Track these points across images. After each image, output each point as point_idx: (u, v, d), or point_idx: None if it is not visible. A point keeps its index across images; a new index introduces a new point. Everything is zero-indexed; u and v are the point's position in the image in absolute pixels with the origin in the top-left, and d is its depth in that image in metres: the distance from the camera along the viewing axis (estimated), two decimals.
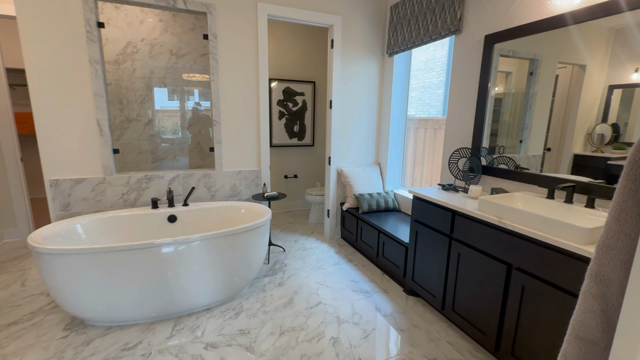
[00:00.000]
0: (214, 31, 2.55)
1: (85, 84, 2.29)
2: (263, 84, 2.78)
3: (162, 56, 3.28)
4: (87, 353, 1.68)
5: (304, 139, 4.27)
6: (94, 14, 2.24)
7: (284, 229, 3.63)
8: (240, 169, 2.84)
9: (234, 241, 2.06)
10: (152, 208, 2.45)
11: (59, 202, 2.32)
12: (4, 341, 1.76)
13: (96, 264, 1.73)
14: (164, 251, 1.85)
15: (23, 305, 2.10)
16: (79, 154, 2.34)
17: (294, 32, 4.04)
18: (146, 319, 1.94)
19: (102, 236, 2.25)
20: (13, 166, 3.05)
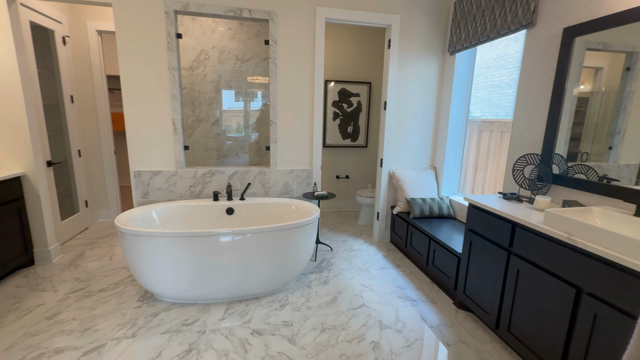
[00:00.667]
0: (275, 36, 2.70)
1: (164, 88, 2.61)
2: (318, 85, 2.85)
3: (229, 61, 3.58)
4: (154, 323, 1.93)
5: (357, 140, 4.26)
6: (174, 27, 2.54)
7: (332, 229, 3.68)
8: (293, 167, 2.96)
9: (283, 236, 2.16)
10: (213, 200, 2.69)
11: (140, 190, 2.69)
12: (95, 304, 2.10)
13: (165, 246, 1.97)
14: (222, 240, 2.02)
15: (110, 276, 2.48)
16: (157, 149, 2.68)
17: (352, 34, 4.06)
18: (203, 300, 2.15)
19: (172, 222, 2.55)
20: (108, 158, 3.62)
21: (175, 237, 1.96)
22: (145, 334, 1.83)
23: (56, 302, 2.12)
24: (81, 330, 1.85)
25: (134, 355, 1.67)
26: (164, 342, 1.77)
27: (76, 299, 2.16)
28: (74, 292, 2.24)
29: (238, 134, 3.73)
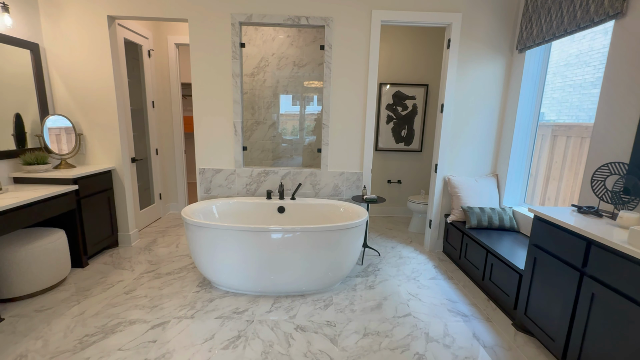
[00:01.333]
0: (330, 42, 2.76)
1: (228, 93, 2.85)
2: (371, 88, 2.84)
3: (286, 67, 3.75)
4: (209, 308, 2.11)
5: (411, 144, 4.13)
6: (238, 37, 2.76)
7: (382, 234, 3.61)
8: (343, 170, 2.99)
9: (330, 237, 2.20)
10: (266, 198, 2.84)
11: (203, 186, 2.96)
12: (162, 285, 2.37)
13: (222, 238, 2.14)
14: (272, 236, 2.13)
15: (176, 261, 2.78)
16: (219, 149, 2.93)
17: (408, 35, 3.95)
18: (253, 292, 2.28)
19: (229, 217, 2.75)
20: (179, 157, 4.05)
21: (231, 230, 2.12)
22: (202, 317, 2.01)
23: (132, 280, 2.44)
24: (150, 307, 2.10)
25: (191, 335, 1.85)
26: (217, 326, 1.93)
27: (148, 279, 2.46)
28: (147, 273, 2.55)
29: (293, 137, 3.89)
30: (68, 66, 2.74)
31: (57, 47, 2.71)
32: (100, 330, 1.86)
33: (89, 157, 2.92)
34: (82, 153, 2.90)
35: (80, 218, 2.55)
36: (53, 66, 2.74)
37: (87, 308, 2.07)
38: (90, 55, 2.73)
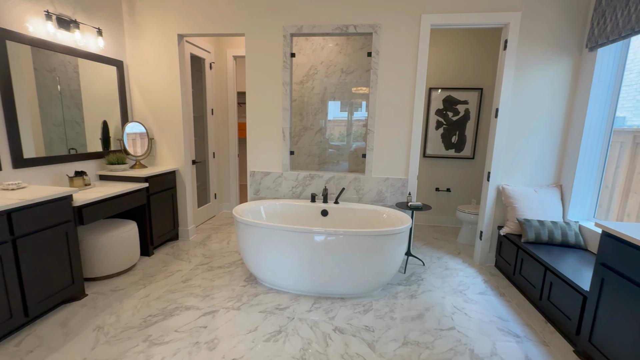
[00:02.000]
0: (377, 48, 2.79)
1: (278, 101, 3.01)
2: (419, 94, 2.79)
3: (334, 74, 3.84)
4: (254, 302, 2.24)
5: (462, 151, 3.93)
6: (289, 47, 2.92)
7: (427, 243, 3.48)
8: (387, 176, 2.96)
9: (372, 242, 2.20)
10: (310, 201, 2.93)
11: (253, 188, 3.16)
12: (214, 277, 2.58)
13: (268, 237, 2.27)
14: (315, 238, 2.21)
15: (226, 256, 3.00)
16: (268, 153, 3.10)
17: (459, 37, 3.79)
18: (295, 291, 2.37)
19: (275, 217, 2.90)
20: (233, 160, 4.36)
21: (277, 230, 2.24)
22: (247, 310, 2.15)
23: (189, 270, 2.69)
24: (203, 296, 2.30)
25: (237, 325, 1.98)
26: (260, 320, 2.04)
27: (202, 270, 2.69)
28: (201, 265, 2.79)
29: (340, 142, 3.95)
30: (144, 79, 3.15)
31: (137, 63, 3.13)
32: (161, 312, 2.09)
33: (158, 158, 3.30)
34: (152, 155, 3.29)
35: (149, 212, 2.89)
36: (133, 79, 3.17)
37: (151, 292, 2.34)
38: (162, 69, 3.10)
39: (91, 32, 2.70)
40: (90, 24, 2.71)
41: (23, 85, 2.21)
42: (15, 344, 1.77)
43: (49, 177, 2.43)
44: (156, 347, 1.78)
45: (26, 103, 2.24)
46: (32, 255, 1.86)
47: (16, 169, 2.19)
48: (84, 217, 2.18)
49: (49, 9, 2.35)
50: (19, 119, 2.19)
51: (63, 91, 2.52)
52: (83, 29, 2.62)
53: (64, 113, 2.55)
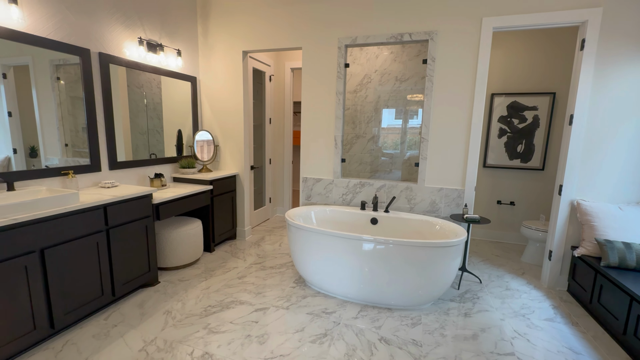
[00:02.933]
0: (433, 55, 2.72)
1: (331, 110, 3.11)
2: (478, 100, 2.65)
3: (388, 82, 3.83)
4: (302, 303, 2.32)
5: (529, 161, 3.59)
6: (343, 58, 3.01)
7: (486, 260, 3.24)
8: (442, 186, 2.85)
9: (423, 253, 2.14)
10: (360, 209, 2.95)
11: (305, 193, 3.29)
12: (266, 276, 2.74)
13: (318, 241, 2.35)
14: (364, 246, 2.22)
15: (278, 258, 3.15)
16: (320, 160, 3.21)
17: (526, 38, 3.50)
18: (342, 297, 2.40)
19: (325, 223, 2.97)
20: (287, 166, 4.57)
21: (326, 235, 2.30)
22: (295, 310, 2.24)
23: (244, 268, 2.89)
24: (255, 293, 2.46)
25: (285, 323, 2.08)
26: (307, 321, 2.11)
27: (256, 269, 2.87)
28: (255, 264, 2.98)
29: (393, 151, 3.91)
30: (212, 92, 3.51)
31: (207, 78, 3.51)
32: (219, 304, 2.29)
33: (222, 163, 3.62)
34: (217, 160, 3.63)
35: (212, 212, 3.19)
36: (203, 93, 3.55)
37: (211, 285, 2.57)
38: (229, 83, 3.42)
39: (172, 53, 3.11)
40: (172, 46, 3.13)
41: (118, 100, 2.64)
42: (104, 318, 2.09)
43: (135, 178, 2.83)
44: (213, 335, 1.95)
45: (120, 115, 2.66)
46: (120, 244, 2.19)
47: (111, 170, 2.60)
48: (160, 214, 2.50)
49: (142, 35, 2.78)
50: (115, 128, 2.61)
51: (148, 104, 2.94)
52: (166, 51, 3.04)
53: (148, 123, 2.96)
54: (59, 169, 2.22)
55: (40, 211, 1.71)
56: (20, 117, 2.01)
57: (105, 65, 2.48)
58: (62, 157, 2.26)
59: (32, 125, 2.08)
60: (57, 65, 2.17)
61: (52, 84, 2.16)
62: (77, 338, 1.89)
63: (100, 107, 2.49)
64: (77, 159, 2.34)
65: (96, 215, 2.01)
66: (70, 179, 2.22)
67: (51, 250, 1.77)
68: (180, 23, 3.21)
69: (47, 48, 2.10)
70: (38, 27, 2.06)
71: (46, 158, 2.16)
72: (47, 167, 2.16)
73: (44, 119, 2.14)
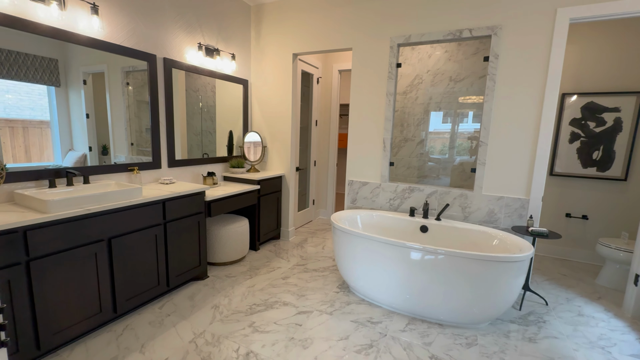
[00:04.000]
0: (496, 52, 2.51)
1: (381, 111, 3.01)
2: (550, 101, 2.37)
3: (441, 83, 3.63)
4: (346, 310, 2.25)
5: (608, 170, 3.15)
6: (395, 58, 2.90)
7: (551, 279, 2.89)
8: (502, 194, 2.60)
9: (480, 267, 1.96)
10: (409, 215, 2.80)
11: (350, 197, 3.22)
12: (309, 279, 2.71)
13: (364, 247, 2.27)
14: (413, 255, 2.09)
15: (321, 261, 3.12)
16: (367, 163, 3.12)
17: (608, 29, 3.07)
18: (387, 306, 2.29)
19: (371, 228, 2.87)
20: (332, 169, 4.54)
21: (373, 240, 2.21)
22: (339, 316, 2.17)
23: (288, 269, 2.90)
24: (299, 295, 2.44)
25: (329, 329, 2.03)
26: (352, 329, 2.04)
27: (299, 271, 2.87)
28: (298, 266, 2.98)
29: (441, 156, 3.69)
30: (262, 94, 3.60)
31: (258, 81, 3.61)
32: (263, 303, 2.31)
33: (269, 164, 3.70)
34: (264, 161, 3.71)
35: (259, 211, 3.25)
36: (254, 95, 3.66)
37: (256, 283, 2.60)
38: (278, 86, 3.49)
39: (227, 57, 3.25)
40: (227, 50, 3.27)
41: (177, 103, 2.81)
42: (159, 307, 2.21)
43: (189, 175, 2.99)
44: (258, 334, 1.96)
45: (178, 117, 2.83)
46: (175, 237, 2.31)
47: (170, 167, 2.77)
48: (211, 211, 2.61)
49: (201, 41, 2.94)
50: (174, 129, 2.78)
51: (202, 107, 3.09)
52: (222, 55, 3.18)
53: (202, 125, 3.12)
54: (126, 165, 2.41)
55: (109, 203, 1.86)
56: (96, 119, 2.22)
57: (169, 70, 2.66)
58: (128, 155, 2.45)
59: (105, 126, 2.29)
60: (127, 71, 2.38)
61: (122, 89, 2.36)
62: (135, 323, 2.02)
63: (163, 109, 2.67)
64: (140, 157, 2.53)
65: (156, 209, 2.14)
66: (135, 174, 2.40)
67: (117, 239, 1.92)
68: (236, 28, 3.35)
69: (120, 54, 2.30)
70: (113, 35, 2.26)
71: (115, 156, 2.36)
72: (115, 164, 2.36)
73: (114, 121, 2.34)
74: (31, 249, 1.54)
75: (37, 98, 1.92)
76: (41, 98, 1.94)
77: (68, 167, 2.08)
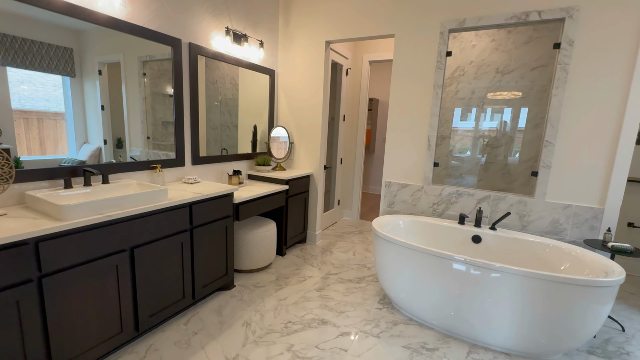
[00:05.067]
0: (571, 37, 2.16)
1: (425, 105, 2.70)
2: (637, 96, 2.03)
3: (486, 76, 3.27)
4: (394, 332, 1.98)
5: None
6: (445, 45, 2.58)
7: (619, 298, 2.56)
8: (570, 202, 2.27)
9: (554, 291, 1.65)
10: (458, 223, 2.50)
11: (387, 200, 2.93)
12: (346, 292, 2.44)
13: (413, 259, 1.98)
14: (472, 271, 1.80)
15: (354, 269, 2.84)
16: (408, 164, 2.82)
17: None
18: (441, 329, 2.00)
19: (415, 236, 2.58)
20: (358, 167, 4.24)
21: (425, 253, 1.92)
22: (388, 340, 1.90)
23: (320, 278, 2.64)
24: (338, 311, 2.17)
25: (380, 356, 1.75)
26: (406, 358, 1.76)
27: (333, 281, 2.60)
28: (331, 275, 2.71)
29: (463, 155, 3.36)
30: (290, 86, 3.31)
31: (285, 71, 3.32)
32: (299, 320, 2.05)
33: (295, 162, 3.42)
34: (290, 159, 3.44)
35: (286, 213, 2.99)
36: (281, 87, 3.37)
37: (288, 295, 2.35)
38: (307, 77, 3.19)
39: (255, 45, 2.97)
40: (255, 37, 2.98)
41: (198, 94, 2.55)
42: (184, 322, 1.97)
43: (213, 174, 2.74)
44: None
45: (201, 110, 2.57)
46: (202, 244, 2.06)
47: (194, 165, 2.52)
48: (239, 214, 2.35)
49: (228, 25, 2.66)
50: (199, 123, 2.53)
51: (222, 99, 2.82)
52: (250, 42, 2.90)
53: (221, 118, 2.85)
54: (148, 163, 2.17)
55: (132, 208, 1.61)
56: (111, 111, 2.01)
57: (194, 57, 2.39)
58: (144, 149, 2.22)
59: (120, 118, 2.07)
60: (144, 61, 2.15)
61: (139, 80, 2.14)
62: (159, 343, 1.78)
63: (187, 100, 2.41)
64: (157, 151, 2.29)
65: (182, 213, 1.89)
66: (158, 173, 2.16)
67: (141, 249, 1.67)
68: (264, 12, 3.05)
69: (142, 37, 2.04)
70: (135, 15, 2.00)
71: (130, 149, 2.13)
72: (136, 161, 2.12)
73: (130, 113, 2.13)
74: (44, 264, 1.30)
75: (52, 89, 1.73)
76: (56, 89, 1.74)
77: (85, 165, 1.84)
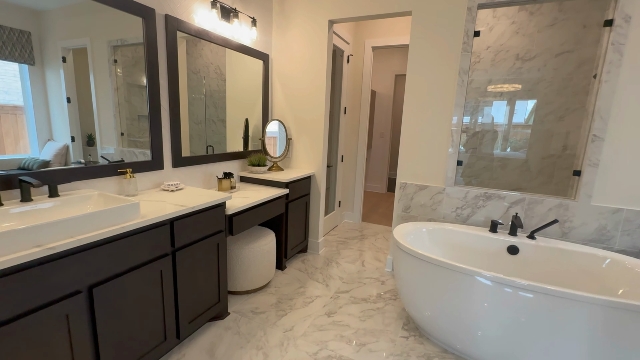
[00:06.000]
0: (627, 12, 1.83)
1: (448, 94, 2.34)
2: None
3: (504, 62, 2.92)
4: None
5: None
6: (473, 24, 2.21)
7: None
8: (620, 206, 1.97)
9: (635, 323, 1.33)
10: (489, 231, 2.16)
11: (402, 203, 2.56)
12: (363, 315, 2.06)
13: (449, 279, 1.62)
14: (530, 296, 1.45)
15: (367, 284, 2.47)
16: (426, 162, 2.45)
17: None
18: None
19: (440, 246, 2.22)
20: (360, 165, 3.86)
21: (465, 274, 1.56)
22: None
23: (329, 298, 2.25)
24: (358, 344, 1.79)
25: None
26: None
27: (345, 301, 2.21)
28: (342, 293, 2.32)
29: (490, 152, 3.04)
30: (286, 74, 2.87)
31: (281, 57, 2.87)
32: (313, 359, 1.66)
33: (293, 161, 3.00)
34: (288, 157, 3.01)
35: (286, 222, 2.57)
36: (276, 74, 2.93)
37: (295, 324, 1.94)
38: (307, 63, 2.76)
39: (246, 22, 2.51)
40: (247, 13, 2.52)
41: (182, 85, 2.08)
42: None
43: (200, 177, 2.29)
44: None
45: (183, 102, 2.11)
46: (187, 270, 1.63)
47: (175, 167, 2.06)
48: (233, 227, 1.92)
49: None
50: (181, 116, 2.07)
51: (206, 90, 2.36)
52: (241, 19, 2.44)
53: (206, 112, 2.39)
54: (115, 167, 1.70)
55: (89, 233, 1.16)
56: (79, 104, 1.56)
57: (173, 33, 1.92)
58: (118, 147, 1.75)
59: (90, 113, 1.63)
60: (114, 46, 1.68)
61: (109, 68, 1.69)
62: None
63: (165, 88, 1.94)
64: (133, 149, 1.83)
65: (161, 233, 1.45)
66: (128, 179, 1.69)
67: (102, 287, 1.23)
68: None
69: (107, 4, 1.57)
70: None
71: (102, 147, 1.67)
72: (106, 160, 1.65)
73: (100, 106, 1.68)
74: None
75: (12, 79, 1.30)
76: (16, 80, 1.30)
77: (21, 173, 1.36)
